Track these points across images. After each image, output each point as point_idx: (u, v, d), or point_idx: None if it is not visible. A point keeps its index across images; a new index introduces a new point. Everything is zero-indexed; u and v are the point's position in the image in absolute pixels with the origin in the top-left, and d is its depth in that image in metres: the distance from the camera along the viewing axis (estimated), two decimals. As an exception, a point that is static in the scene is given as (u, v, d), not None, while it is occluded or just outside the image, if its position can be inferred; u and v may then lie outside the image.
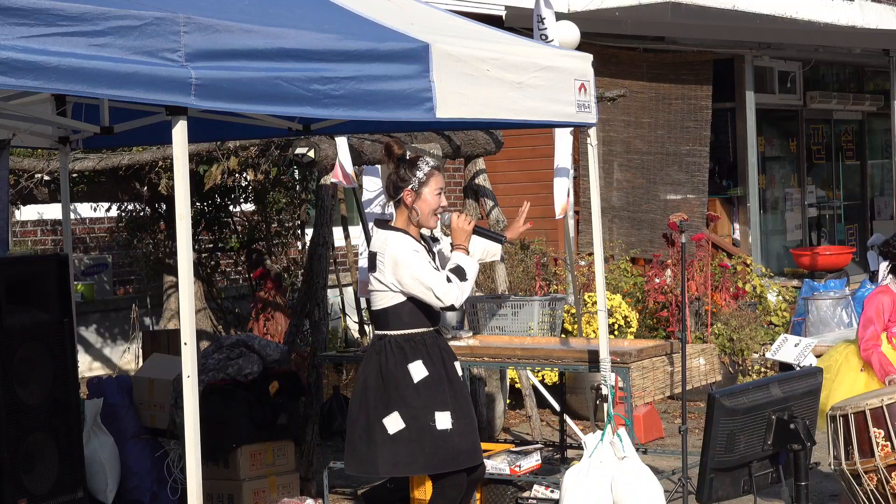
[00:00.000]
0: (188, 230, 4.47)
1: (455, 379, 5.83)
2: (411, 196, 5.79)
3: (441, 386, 5.73)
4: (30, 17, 3.98)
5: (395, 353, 5.74)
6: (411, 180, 5.78)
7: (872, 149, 19.17)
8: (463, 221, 5.82)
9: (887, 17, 18.64)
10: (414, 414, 5.67)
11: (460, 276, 5.69)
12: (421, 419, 5.67)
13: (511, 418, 10.44)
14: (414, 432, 5.67)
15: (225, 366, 7.45)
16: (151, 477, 7.62)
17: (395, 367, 5.72)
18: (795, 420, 5.00)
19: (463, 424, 5.74)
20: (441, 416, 5.68)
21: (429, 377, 5.71)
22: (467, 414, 5.81)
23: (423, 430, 5.67)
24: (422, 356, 5.73)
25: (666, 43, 14.55)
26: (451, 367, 5.83)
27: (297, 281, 10.32)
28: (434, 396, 5.69)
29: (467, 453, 5.75)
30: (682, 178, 14.53)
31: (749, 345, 11.20)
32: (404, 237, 5.76)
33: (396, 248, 5.72)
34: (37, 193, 8.97)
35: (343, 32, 5.02)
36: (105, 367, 11.91)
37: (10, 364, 6.25)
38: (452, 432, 5.69)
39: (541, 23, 9.51)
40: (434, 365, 5.74)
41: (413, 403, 5.68)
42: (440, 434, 5.67)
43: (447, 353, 5.86)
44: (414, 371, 5.71)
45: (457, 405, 5.75)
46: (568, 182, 9.29)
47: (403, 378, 5.70)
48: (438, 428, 5.67)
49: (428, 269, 5.68)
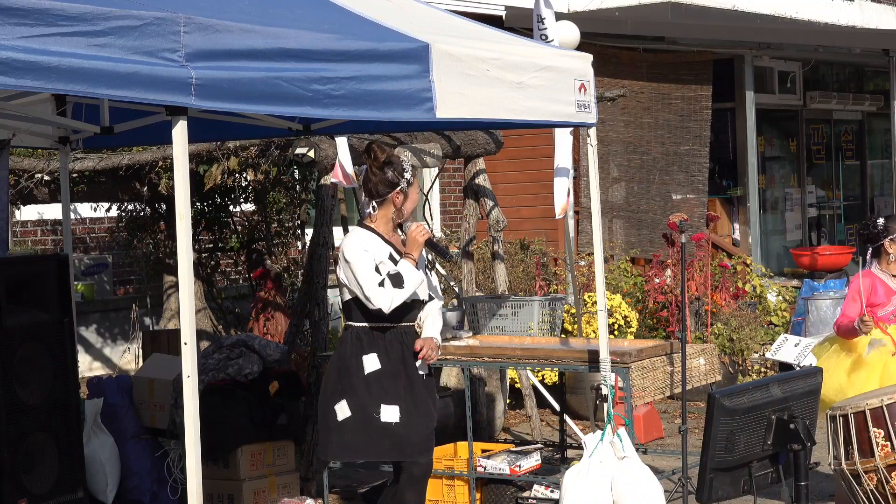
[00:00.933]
0: (188, 230, 4.47)
1: (415, 376, 5.93)
2: (400, 197, 5.96)
3: (394, 381, 5.86)
4: (30, 17, 3.99)
5: (354, 343, 5.90)
6: (401, 182, 5.94)
7: (872, 149, 19.17)
8: (418, 233, 5.94)
9: (887, 17, 18.64)
10: (360, 403, 5.83)
11: (395, 283, 5.79)
12: (367, 409, 5.82)
13: (511, 418, 10.44)
14: (359, 421, 5.83)
15: (225, 366, 7.45)
16: (151, 477, 7.62)
17: (351, 357, 5.88)
18: (795, 420, 5.00)
19: (414, 420, 5.87)
20: (387, 409, 5.83)
21: (380, 370, 5.85)
22: (423, 411, 5.93)
23: (368, 419, 5.82)
24: (378, 349, 5.87)
25: (666, 43, 14.55)
26: (412, 365, 5.92)
27: (297, 281, 10.32)
28: (383, 389, 5.84)
29: (414, 447, 5.89)
30: (682, 178, 14.53)
31: (749, 345, 11.20)
32: (362, 234, 5.92)
33: (347, 244, 5.89)
34: (37, 193, 8.97)
35: (343, 32, 5.02)
36: (105, 367, 11.91)
37: (10, 364, 6.25)
38: (398, 425, 5.82)
39: (541, 23, 9.51)
40: (390, 359, 5.87)
41: (360, 393, 5.84)
42: (383, 426, 5.82)
43: (410, 349, 5.93)
44: (367, 362, 5.86)
45: (411, 401, 5.87)
46: (568, 182, 9.29)
47: (356, 368, 5.86)
48: (382, 420, 5.81)
49: (366, 269, 5.80)
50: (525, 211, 14.01)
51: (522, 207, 14.03)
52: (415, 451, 5.91)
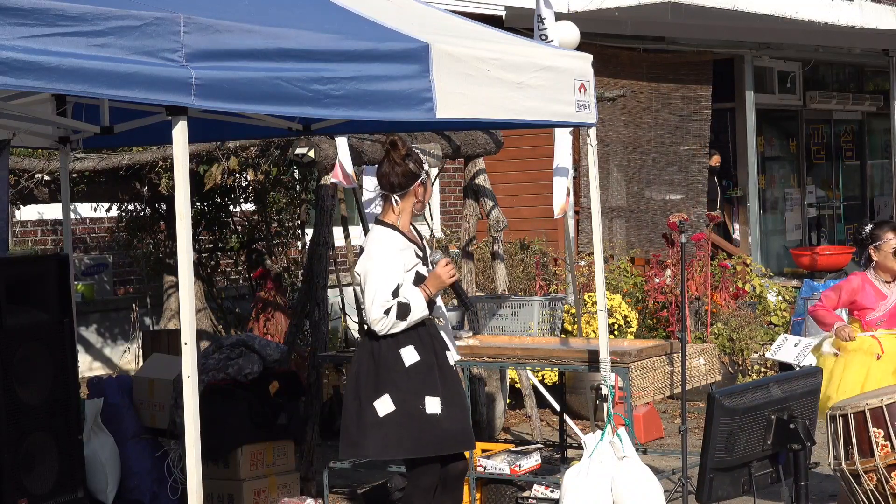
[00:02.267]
0: (188, 230, 4.47)
1: (446, 367, 5.90)
2: (422, 189, 5.93)
3: (432, 372, 5.81)
4: (30, 17, 3.99)
5: (388, 337, 5.82)
6: (420, 174, 5.92)
7: (872, 149, 19.18)
8: (445, 273, 5.88)
9: (887, 17, 18.64)
10: (404, 397, 5.76)
11: (400, 313, 5.75)
12: (410, 402, 5.76)
13: (511, 418, 10.45)
14: (403, 415, 5.75)
15: (225, 366, 7.45)
16: (151, 477, 7.61)
17: (387, 351, 5.81)
18: (795, 420, 5.00)
19: (453, 411, 5.82)
20: (431, 401, 5.77)
21: (420, 362, 5.80)
22: (458, 402, 5.90)
23: (412, 413, 5.75)
24: (413, 342, 5.82)
25: (666, 43, 14.55)
26: (443, 356, 5.90)
27: (297, 281, 10.32)
28: (424, 381, 5.79)
29: (455, 438, 5.83)
30: (682, 178, 14.53)
31: (749, 345, 11.20)
32: (390, 233, 5.87)
33: (373, 246, 5.83)
34: (37, 193, 8.97)
35: (343, 32, 5.02)
36: (105, 367, 11.91)
37: (10, 364, 6.25)
38: (441, 417, 5.77)
39: (541, 23, 9.52)
40: (426, 351, 5.83)
41: (403, 387, 5.77)
42: (429, 418, 5.75)
43: (438, 341, 5.92)
44: (406, 355, 5.80)
45: (447, 392, 5.83)
46: (567, 182, 9.29)
47: (395, 362, 5.79)
48: (427, 412, 5.75)
49: (380, 285, 5.74)
50: (525, 211, 14.02)
51: (522, 207, 14.03)
52: (455, 444, 5.84)
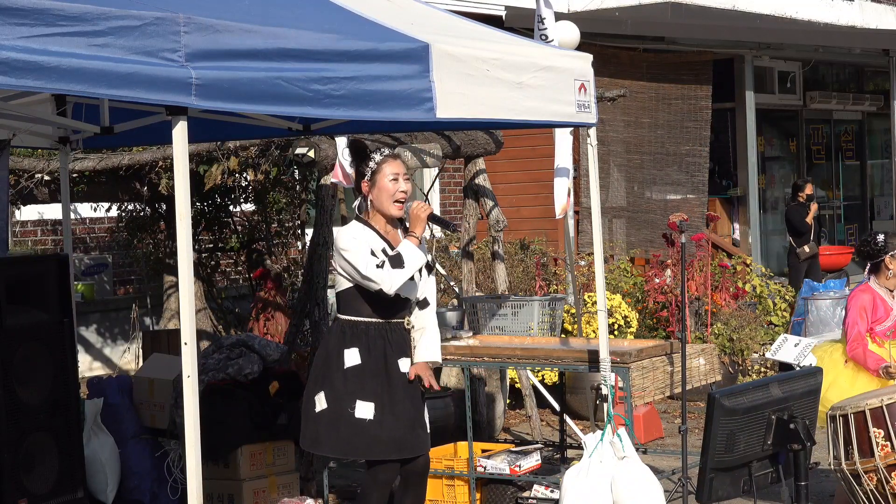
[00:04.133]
0: (188, 230, 4.47)
1: (395, 374, 5.87)
2: (367, 186, 5.91)
3: (373, 377, 5.81)
4: (30, 17, 3.99)
5: (338, 335, 5.88)
6: (365, 171, 5.90)
7: (872, 149, 19.18)
8: (420, 209, 5.87)
9: (887, 17, 18.64)
10: (336, 397, 5.81)
11: (395, 264, 5.75)
12: (341, 403, 5.80)
13: (511, 418, 10.44)
14: (333, 414, 5.80)
15: (225, 366, 7.45)
16: (151, 477, 7.61)
17: (333, 349, 5.87)
18: (795, 420, 5.00)
19: (390, 419, 5.81)
20: (362, 406, 5.79)
21: (360, 366, 5.81)
22: (400, 410, 5.85)
23: (341, 414, 5.79)
24: (360, 344, 5.83)
25: (666, 43, 14.56)
26: (393, 363, 5.88)
27: (298, 281, 10.32)
28: (360, 385, 5.80)
29: (387, 445, 5.82)
30: (682, 178, 14.53)
31: (749, 345, 11.20)
32: (355, 226, 5.89)
33: (340, 234, 5.86)
34: (37, 193, 8.97)
35: (343, 32, 5.02)
36: (105, 367, 11.92)
37: (10, 364, 6.24)
38: (371, 423, 5.77)
39: (541, 23, 9.52)
40: (371, 355, 5.83)
41: (337, 387, 5.81)
42: (357, 422, 5.78)
43: (394, 347, 5.89)
44: (347, 357, 5.83)
45: (388, 399, 5.82)
46: (568, 182, 9.29)
47: (336, 361, 5.84)
48: (356, 416, 5.78)
49: (361, 254, 5.76)
50: (525, 211, 14.02)
51: (522, 207, 14.04)
52: (384, 451, 5.83)
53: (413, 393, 5.95)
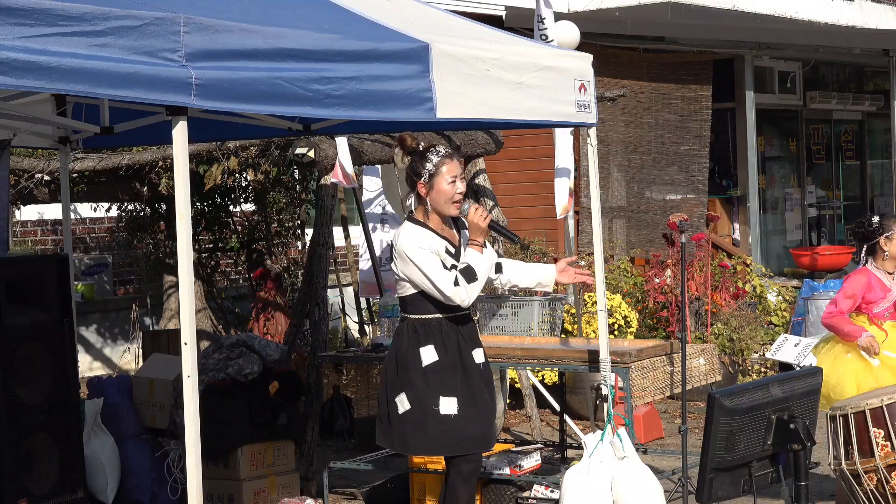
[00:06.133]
0: (188, 230, 4.47)
1: (471, 366, 5.85)
2: (424, 188, 5.82)
3: (452, 372, 5.78)
4: (30, 17, 3.99)
5: (410, 335, 5.82)
6: (422, 172, 5.80)
7: (872, 149, 19.17)
8: (478, 217, 5.80)
9: (887, 17, 18.64)
10: (419, 396, 5.76)
11: (468, 278, 5.73)
12: (425, 402, 5.75)
13: (511, 418, 10.45)
14: (418, 414, 5.76)
15: (225, 366, 7.45)
16: (151, 477, 7.61)
17: (408, 350, 5.81)
18: (795, 420, 4.99)
19: (472, 412, 5.78)
20: (446, 402, 5.75)
21: (437, 362, 5.77)
22: (480, 402, 5.84)
23: (427, 413, 5.74)
24: (434, 341, 5.79)
25: (666, 43, 14.55)
26: (468, 355, 5.86)
27: (297, 281, 10.33)
28: (441, 381, 5.76)
29: (472, 439, 5.81)
30: (682, 178, 14.53)
31: (749, 345, 11.20)
32: (415, 229, 5.80)
33: (404, 241, 5.78)
34: (37, 193, 8.98)
35: (343, 32, 5.02)
36: (105, 367, 11.92)
37: (10, 364, 6.24)
38: (457, 418, 5.74)
39: (541, 23, 9.52)
40: (447, 351, 5.79)
41: (419, 386, 5.76)
42: (443, 418, 5.74)
43: (467, 339, 5.88)
44: (424, 355, 5.78)
45: (468, 392, 5.80)
46: (569, 182, 9.29)
47: (413, 361, 5.78)
48: (441, 412, 5.73)
49: (434, 267, 5.71)
50: (525, 211, 14.01)
51: (522, 207, 14.03)
52: (471, 445, 5.82)
53: (488, 383, 5.95)
